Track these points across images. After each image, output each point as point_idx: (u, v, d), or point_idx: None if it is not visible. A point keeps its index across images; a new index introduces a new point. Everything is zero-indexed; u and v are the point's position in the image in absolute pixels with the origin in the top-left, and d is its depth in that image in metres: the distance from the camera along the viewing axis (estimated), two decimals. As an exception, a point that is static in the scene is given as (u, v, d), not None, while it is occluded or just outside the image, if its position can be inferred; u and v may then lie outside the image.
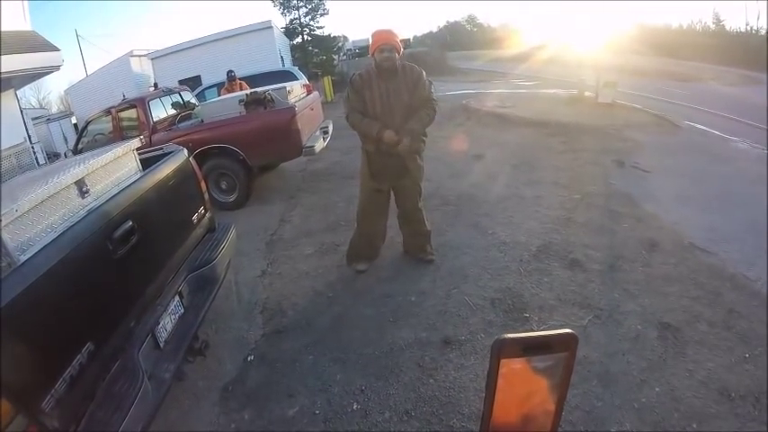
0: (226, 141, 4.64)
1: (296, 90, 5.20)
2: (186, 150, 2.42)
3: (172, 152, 2.35)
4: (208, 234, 2.48)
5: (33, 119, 11.28)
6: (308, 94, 5.76)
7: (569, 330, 0.61)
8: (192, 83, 10.90)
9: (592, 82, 9.80)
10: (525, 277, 2.80)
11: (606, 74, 10.01)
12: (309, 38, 21.01)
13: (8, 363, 1.09)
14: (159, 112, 5.40)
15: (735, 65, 17.11)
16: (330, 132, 5.70)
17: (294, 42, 20.38)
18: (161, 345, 1.79)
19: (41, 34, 7.14)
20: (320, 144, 4.93)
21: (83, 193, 1.72)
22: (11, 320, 1.12)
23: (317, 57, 20.64)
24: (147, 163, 2.23)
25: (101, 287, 1.54)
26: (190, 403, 2.08)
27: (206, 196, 2.49)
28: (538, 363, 0.62)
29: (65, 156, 5.90)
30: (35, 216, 1.46)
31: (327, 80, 14.68)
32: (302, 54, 20.11)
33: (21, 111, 7.86)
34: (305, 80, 8.06)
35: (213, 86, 9.70)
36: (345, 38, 27.24)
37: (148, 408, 1.48)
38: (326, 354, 2.29)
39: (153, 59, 14.24)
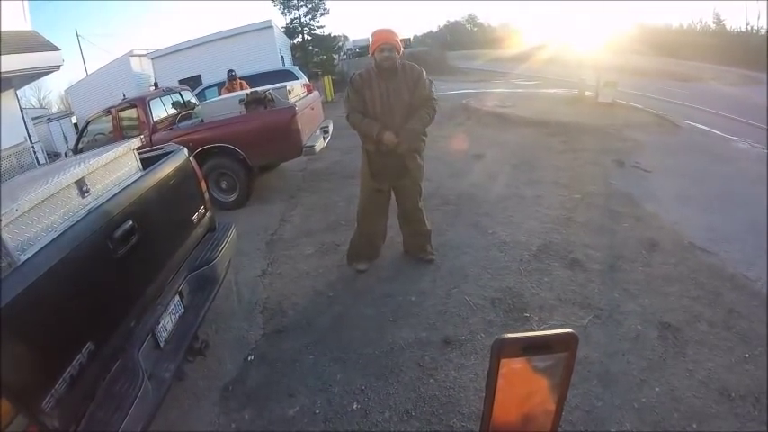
0: (226, 141, 4.64)
1: (296, 90, 5.19)
2: (186, 150, 2.42)
3: (172, 152, 2.35)
4: (208, 234, 2.48)
5: (33, 118, 11.27)
6: (309, 94, 5.75)
7: (569, 330, 0.61)
8: (193, 82, 10.91)
9: (592, 82, 9.81)
10: (525, 277, 2.80)
11: (606, 74, 10.02)
12: (310, 37, 21.01)
13: (8, 362, 1.09)
14: (159, 112, 5.39)
15: (735, 65, 17.09)
16: (330, 132, 5.70)
17: (294, 42, 20.38)
18: (161, 344, 1.79)
19: (41, 34, 7.15)
20: (320, 144, 4.93)
21: (83, 193, 1.73)
22: (11, 320, 1.12)
23: (318, 56, 20.64)
24: (148, 163, 2.24)
25: (101, 287, 1.54)
26: (190, 403, 2.09)
27: (206, 196, 2.49)
28: (538, 362, 0.62)
29: (65, 155, 5.91)
30: (35, 216, 1.46)
31: (328, 80, 14.68)
32: (302, 53, 20.11)
33: (21, 110, 7.85)
34: (305, 80, 8.06)
35: (213, 86, 9.70)
36: (346, 37, 27.24)
37: (148, 407, 1.48)
38: (327, 353, 2.29)
39: (153, 59, 14.24)
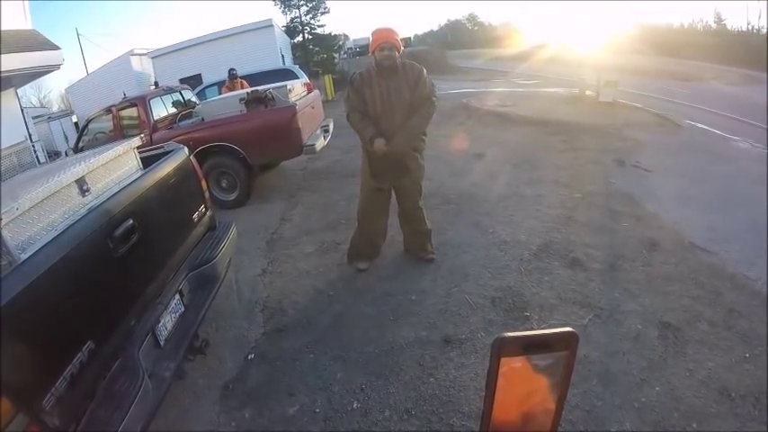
0: (226, 140, 4.64)
1: (297, 88, 5.19)
2: (187, 149, 2.42)
3: (172, 151, 2.35)
4: (208, 232, 2.48)
5: (34, 117, 11.29)
6: (309, 93, 5.75)
7: (570, 329, 0.61)
8: (193, 81, 10.89)
9: (593, 81, 9.79)
10: (526, 276, 2.80)
11: (607, 73, 9.99)
12: (310, 36, 21.00)
13: (8, 361, 1.09)
14: (160, 111, 5.40)
15: (736, 64, 17.05)
16: (331, 131, 5.69)
17: (295, 41, 20.37)
18: (161, 343, 1.79)
19: (42, 33, 7.15)
20: (321, 142, 4.92)
21: (83, 192, 1.73)
22: (11, 319, 1.12)
23: (318, 55, 20.63)
24: (148, 161, 2.24)
25: (101, 285, 1.54)
26: (190, 402, 2.09)
27: (206, 195, 2.49)
28: (538, 361, 0.62)
29: (65, 154, 5.90)
30: (36, 214, 1.46)
31: (328, 78, 14.67)
32: (303, 52, 20.11)
33: (21, 109, 7.86)
34: (306, 79, 8.06)
35: (214, 85, 9.71)
36: (346, 36, 27.20)
37: (149, 406, 1.48)
38: (327, 352, 2.30)
39: (153, 58, 14.25)
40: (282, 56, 15.31)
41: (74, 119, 15.00)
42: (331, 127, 5.80)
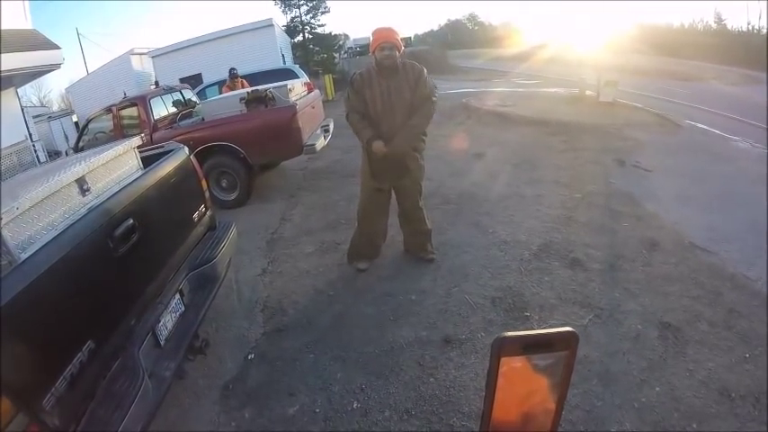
0: (227, 139, 4.64)
1: (297, 88, 5.19)
2: (187, 148, 2.42)
3: (173, 150, 2.35)
4: (208, 232, 2.48)
5: (34, 117, 11.29)
6: (309, 93, 5.75)
7: (570, 329, 0.61)
8: (193, 81, 10.90)
9: (593, 81, 9.79)
10: (526, 276, 2.80)
11: (607, 73, 9.99)
12: (310, 36, 21.01)
13: (8, 361, 1.09)
14: (160, 110, 5.40)
15: (736, 64, 17.04)
16: (331, 131, 5.69)
17: (295, 40, 20.37)
18: (161, 343, 1.79)
19: (42, 32, 7.15)
20: (321, 142, 4.92)
21: (84, 191, 1.72)
22: (11, 319, 1.12)
23: (318, 55, 20.64)
24: (148, 161, 2.23)
25: (101, 285, 1.54)
26: (190, 402, 2.09)
27: (207, 194, 2.49)
28: (538, 361, 0.62)
29: (66, 154, 5.91)
30: (36, 214, 1.46)
31: (328, 78, 14.67)
32: (303, 52, 20.11)
33: (21, 109, 7.86)
34: (306, 78, 8.06)
35: (214, 84, 9.71)
36: (346, 36, 27.21)
37: (149, 406, 1.48)
38: (327, 352, 2.30)
39: (154, 58, 14.25)
40: (283, 55, 15.31)
41: (74, 118, 15.01)
42: (331, 127, 5.80)
